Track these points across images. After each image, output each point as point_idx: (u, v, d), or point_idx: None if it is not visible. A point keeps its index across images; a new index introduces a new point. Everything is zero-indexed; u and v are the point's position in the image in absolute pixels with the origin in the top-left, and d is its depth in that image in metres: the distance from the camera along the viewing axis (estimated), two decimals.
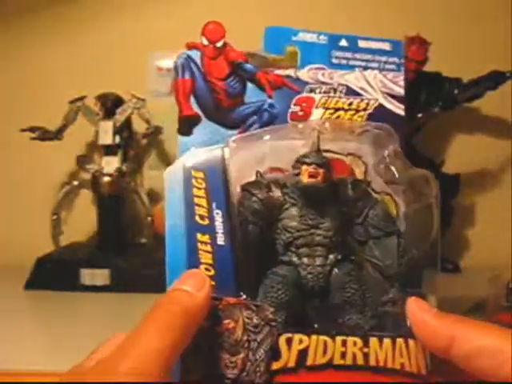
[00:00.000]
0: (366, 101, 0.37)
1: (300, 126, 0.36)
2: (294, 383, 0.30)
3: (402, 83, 0.37)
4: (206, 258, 0.32)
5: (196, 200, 0.33)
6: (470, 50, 1.06)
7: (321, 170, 0.33)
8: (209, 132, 0.35)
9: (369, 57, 0.37)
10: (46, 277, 0.88)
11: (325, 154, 0.34)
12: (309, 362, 0.31)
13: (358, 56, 0.37)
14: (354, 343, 0.31)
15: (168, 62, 1.08)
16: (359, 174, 0.36)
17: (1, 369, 0.56)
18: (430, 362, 0.31)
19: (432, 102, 0.93)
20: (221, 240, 0.32)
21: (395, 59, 0.38)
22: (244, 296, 0.31)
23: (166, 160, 1.08)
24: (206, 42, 0.35)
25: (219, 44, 0.35)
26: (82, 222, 1.06)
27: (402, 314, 0.32)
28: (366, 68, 0.37)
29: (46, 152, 1.04)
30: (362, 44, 0.38)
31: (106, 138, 0.97)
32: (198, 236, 0.32)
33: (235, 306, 0.31)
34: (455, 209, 1.02)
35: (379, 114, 0.36)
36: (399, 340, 0.31)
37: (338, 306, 0.33)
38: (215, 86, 0.35)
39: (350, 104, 0.36)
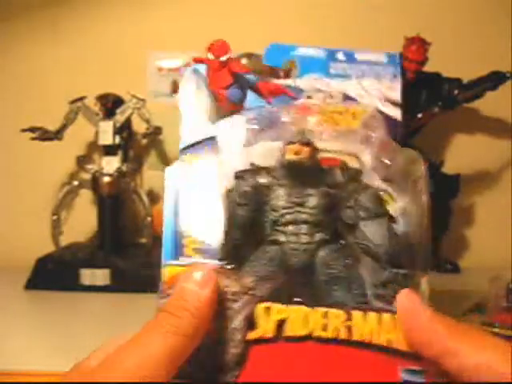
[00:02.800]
0: (362, 107, 0.38)
1: (287, 118, 0.37)
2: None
3: (398, 90, 0.38)
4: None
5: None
6: (470, 50, 1.06)
7: (305, 149, 0.34)
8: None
9: (365, 67, 0.39)
10: (46, 277, 0.88)
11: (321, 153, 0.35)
12: (287, 332, 0.30)
13: (354, 67, 0.39)
14: (336, 316, 0.30)
15: (168, 62, 1.08)
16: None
17: (1, 369, 0.56)
18: None
19: (432, 102, 0.93)
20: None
21: (391, 69, 0.39)
22: (223, 265, 0.31)
23: (166, 160, 1.08)
24: (211, 57, 0.38)
25: (224, 58, 0.38)
26: (82, 221, 1.06)
27: (392, 296, 0.31)
28: (362, 77, 0.39)
29: (46, 152, 1.04)
30: (358, 57, 0.39)
31: (106, 138, 0.97)
32: None
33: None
34: (455, 209, 1.02)
35: (376, 120, 0.37)
36: (386, 315, 0.30)
37: (323, 282, 0.33)
38: (218, 95, 0.37)
39: (347, 110, 0.37)
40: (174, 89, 1.08)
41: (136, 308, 0.78)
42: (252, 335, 0.30)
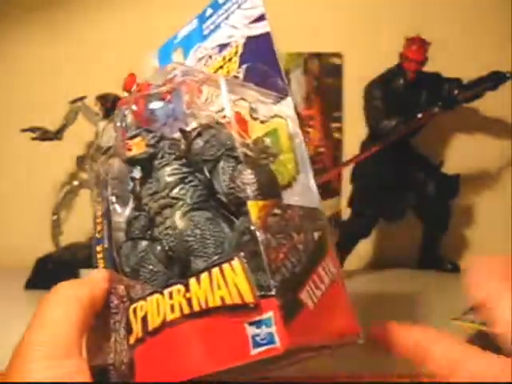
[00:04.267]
0: (234, 45, 0.37)
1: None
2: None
3: (258, 3, 0.37)
4: (101, 263, 0.35)
5: (97, 220, 0.36)
6: (470, 50, 1.06)
7: (133, 142, 0.33)
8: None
9: (228, 6, 0.38)
10: (46, 277, 0.88)
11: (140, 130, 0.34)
12: (150, 327, 0.29)
13: (220, 13, 0.38)
14: (178, 291, 0.28)
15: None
16: (245, 113, 0.34)
17: (1, 369, 0.56)
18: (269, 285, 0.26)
19: (432, 102, 0.93)
20: (106, 243, 0.35)
21: None
22: None
23: None
24: (126, 94, 0.40)
25: (133, 89, 0.39)
26: (82, 222, 1.06)
27: (252, 239, 0.27)
28: (227, 18, 0.38)
29: (46, 152, 1.04)
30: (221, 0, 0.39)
31: None
32: (97, 248, 0.35)
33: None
34: (455, 209, 1.02)
35: (250, 47, 0.36)
36: (215, 270, 0.27)
37: (185, 258, 0.31)
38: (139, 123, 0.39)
39: (224, 58, 0.37)
40: None
41: None
42: (131, 340, 0.30)
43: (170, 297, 0.28)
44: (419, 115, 0.92)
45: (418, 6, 1.08)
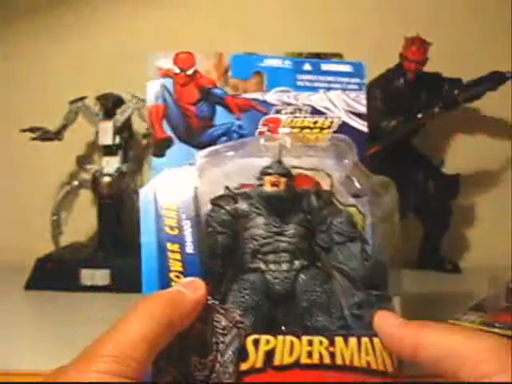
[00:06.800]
0: (330, 119, 0.39)
1: (262, 141, 0.37)
2: (261, 383, 0.31)
3: (363, 102, 0.40)
4: (175, 265, 0.34)
5: (165, 212, 0.35)
6: (470, 50, 1.06)
7: (282, 180, 0.35)
8: (181, 153, 0.37)
9: (331, 79, 0.40)
10: (46, 277, 0.88)
11: (291, 169, 0.36)
12: (276, 362, 0.32)
13: (321, 78, 0.40)
14: (320, 342, 0.32)
15: (168, 63, 1.08)
16: (325, 186, 0.38)
17: (1, 369, 0.56)
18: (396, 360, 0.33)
19: (432, 102, 0.93)
20: (190, 249, 0.34)
21: (357, 80, 0.40)
22: (212, 300, 0.33)
23: None
24: (177, 70, 0.38)
25: (190, 72, 0.38)
26: (82, 222, 1.06)
27: (368, 316, 0.33)
28: (329, 89, 0.39)
29: (46, 152, 1.04)
30: (324, 67, 0.40)
31: (106, 138, 0.97)
32: (168, 245, 0.34)
33: (204, 309, 0.32)
34: (455, 209, 1.02)
35: (343, 131, 0.39)
36: (364, 339, 0.32)
37: (305, 308, 0.34)
38: (186, 111, 0.38)
39: (315, 123, 0.38)
40: None
41: None
42: (243, 366, 0.31)
43: (309, 344, 0.32)
44: (419, 115, 0.92)
45: (419, 6, 1.08)
